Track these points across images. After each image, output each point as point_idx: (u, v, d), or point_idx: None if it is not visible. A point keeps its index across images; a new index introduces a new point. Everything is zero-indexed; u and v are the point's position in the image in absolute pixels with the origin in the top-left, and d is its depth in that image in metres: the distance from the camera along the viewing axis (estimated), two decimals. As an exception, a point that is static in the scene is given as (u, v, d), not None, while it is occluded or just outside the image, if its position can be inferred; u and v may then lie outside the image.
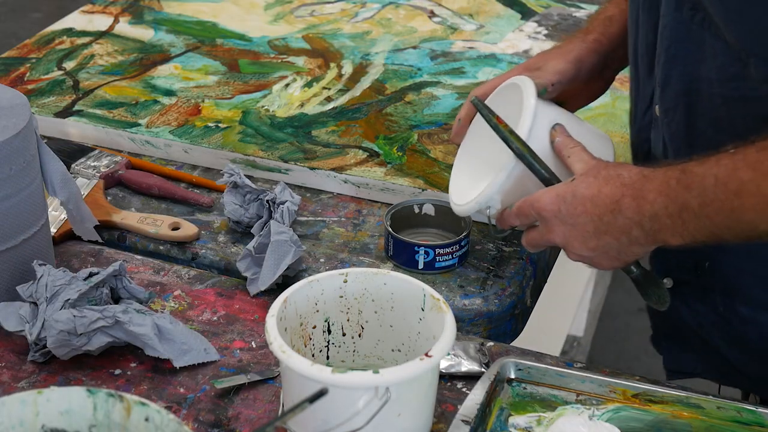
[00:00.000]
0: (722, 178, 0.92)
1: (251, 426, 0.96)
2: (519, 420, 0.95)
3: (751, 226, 0.92)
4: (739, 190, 0.91)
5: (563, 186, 1.03)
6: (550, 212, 1.02)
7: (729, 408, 0.95)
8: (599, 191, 0.99)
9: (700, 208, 0.93)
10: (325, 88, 1.52)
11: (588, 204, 1.00)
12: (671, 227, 0.95)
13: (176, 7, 1.77)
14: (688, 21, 1.00)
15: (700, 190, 0.93)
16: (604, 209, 0.99)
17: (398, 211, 1.22)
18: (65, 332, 0.98)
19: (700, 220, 0.94)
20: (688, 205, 0.94)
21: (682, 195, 0.94)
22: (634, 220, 0.97)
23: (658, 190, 0.96)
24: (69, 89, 1.51)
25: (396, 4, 1.80)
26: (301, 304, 0.96)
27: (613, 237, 0.99)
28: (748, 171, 0.91)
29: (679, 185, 0.94)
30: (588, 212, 1.00)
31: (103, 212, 1.25)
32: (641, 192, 0.97)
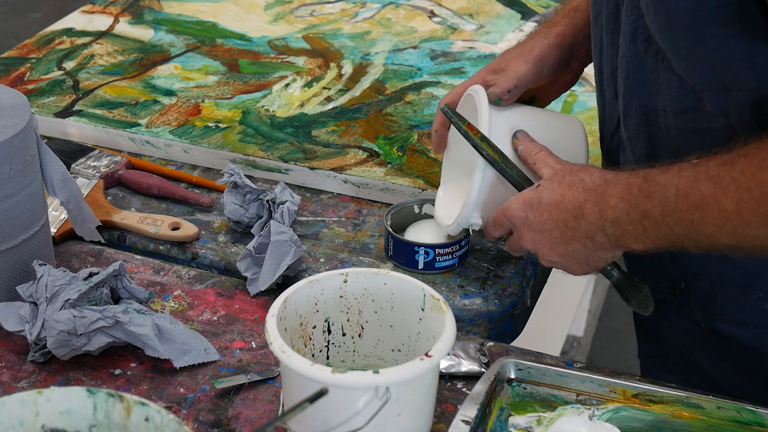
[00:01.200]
0: (683, 189, 0.91)
1: (251, 426, 0.96)
2: (519, 420, 0.95)
3: (711, 238, 0.91)
4: (700, 203, 0.90)
5: (530, 192, 1.03)
6: (518, 219, 1.04)
7: (729, 408, 0.95)
8: (563, 197, 1.00)
9: (662, 217, 0.93)
10: (325, 88, 1.52)
11: (553, 210, 1.00)
12: (633, 233, 0.95)
13: (176, 7, 1.77)
14: (642, 53, 1.00)
15: (661, 199, 0.93)
16: (568, 215, 0.99)
17: (398, 211, 1.22)
18: (65, 332, 0.98)
19: (662, 229, 0.93)
20: (650, 213, 0.93)
21: (643, 203, 0.94)
22: (596, 225, 0.97)
23: (620, 195, 0.96)
24: (69, 89, 1.51)
25: (396, 4, 1.80)
26: (301, 304, 0.96)
27: (580, 242, 1.00)
28: (708, 185, 0.90)
29: (640, 193, 0.94)
30: (553, 218, 1.00)
31: (103, 212, 1.25)
32: (603, 197, 0.97)
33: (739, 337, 1.07)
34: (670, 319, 1.13)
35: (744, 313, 1.06)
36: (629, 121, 1.05)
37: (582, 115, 1.45)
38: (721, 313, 1.07)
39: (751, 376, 1.08)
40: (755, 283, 1.04)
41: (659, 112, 1.00)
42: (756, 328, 1.06)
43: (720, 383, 1.10)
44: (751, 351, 1.07)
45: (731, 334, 1.07)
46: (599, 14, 1.08)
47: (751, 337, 1.06)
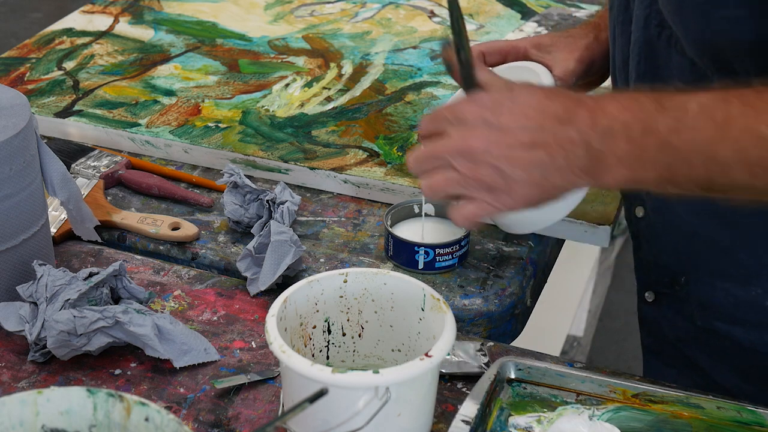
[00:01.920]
0: (709, 105, 0.81)
1: (251, 426, 0.96)
2: (519, 420, 0.95)
3: (723, 167, 0.81)
4: (726, 121, 0.81)
5: (499, 92, 0.88)
6: (475, 114, 0.87)
7: (729, 408, 0.95)
8: (549, 100, 0.86)
9: (670, 134, 0.82)
10: (325, 88, 1.52)
11: (531, 111, 0.85)
12: (623, 151, 0.83)
13: (176, 7, 1.77)
14: (655, 38, 0.99)
15: (677, 113, 0.82)
16: (551, 118, 0.85)
17: (398, 211, 1.22)
18: (65, 333, 0.98)
19: (663, 149, 0.82)
20: (655, 128, 0.82)
21: (652, 115, 0.82)
22: (582, 133, 0.84)
23: (624, 104, 0.84)
24: (69, 89, 1.51)
25: (396, 4, 1.80)
26: (301, 304, 0.96)
27: (548, 152, 0.84)
28: (739, 105, 0.81)
29: (652, 103, 0.83)
30: (529, 119, 0.85)
31: (103, 212, 1.25)
32: (600, 104, 0.85)
33: (736, 336, 1.07)
34: (668, 317, 1.13)
35: (742, 311, 1.06)
36: None
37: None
38: (719, 310, 1.07)
39: (748, 375, 1.08)
40: (754, 280, 1.04)
41: None
42: (753, 327, 1.06)
43: (718, 381, 1.10)
44: (747, 351, 1.07)
45: (728, 333, 1.07)
46: (612, 7, 1.08)
47: (748, 336, 1.06)
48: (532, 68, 1.15)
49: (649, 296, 1.14)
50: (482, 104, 0.87)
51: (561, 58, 1.15)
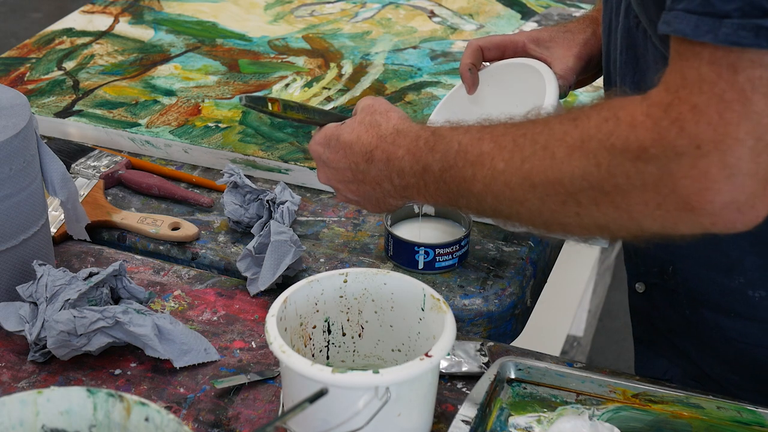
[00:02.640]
0: (465, 145, 0.92)
1: (251, 426, 0.96)
2: (519, 420, 0.95)
3: (478, 199, 0.92)
4: (476, 160, 0.90)
5: (332, 127, 1.04)
6: (315, 153, 1.06)
7: (729, 408, 0.95)
8: (358, 138, 1.01)
9: (440, 173, 0.93)
10: (325, 88, 1.53)
11: (347, 150, 1.01)
12: (416, 186, 0.97)
13: (176, 7, 1.77)
14: (634, 28, 1.00)
15: (443, 154, 0.93)
16: (360, 157, 1.00)
17: (398, 211, 1.22)
18: (65, 333, 0.98)
19: (439, 185, 0.94)
20: (430, 167, 0.94)
21: (426, 156, 0.95)
22: (384, 173, 0.99)
23: (406, 147, 0.97)
24: (69, 89, 1.51)
25: (396, 4, 1.80)
26: (301, 304, 0.96)
27: (370, 186, 1.01)
28: (489, 143, 0.90)
29: (425, 146, 0.95)
30: (347, 158, 1.02)
31: (103, 212, 1.25)
32: (392, 146, 0.98)
33: (722, 326, 1.07)
34: (659, 307, 1.13)
35: (727, 300, 1.05)
36: None
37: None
38: (706, 299, 1.07)
39: (734, 366, 1.08)
40: (737, 268, 1.03)
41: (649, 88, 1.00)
42: (738, 317, 1.05)
43: (706, 371, 1.10)
44: (733, 341, 1.07)
45: (716, 322, 1.07)
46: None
47: (733, 326, 1.06)
48: (534, 66, 1.15)
49: (640, 287, 1.15)
50: (319, 142, 1.05)
51: (560, 55, 1.16)
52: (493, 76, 1.21)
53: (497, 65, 1.19)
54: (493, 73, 1.21)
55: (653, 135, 0.80)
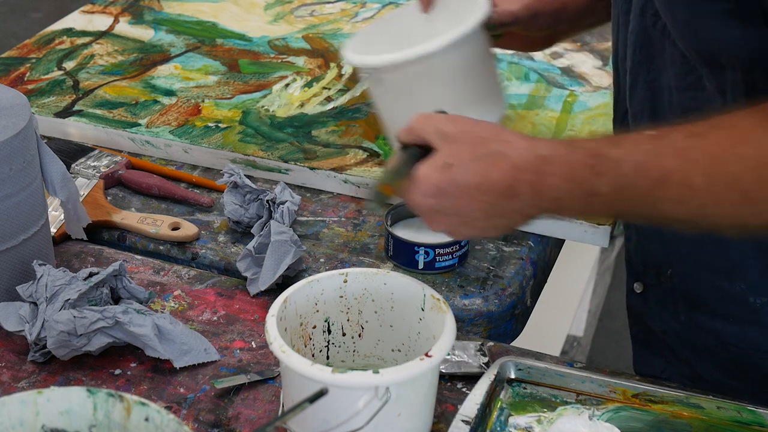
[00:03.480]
0: (643, 164, 0.85)
1: (251, 426, 0.96)
2: (519, 420, 0.95)
3: (665, 215, 0.87)
4: (662, 179, 0.84)
5: (438, 174, 0.90)
6: (426, 206, 0.92)
7: (729, 408, 0.95)
8: (486, 177, 0.89)
9: (613, 194, 0.86)
10: (325, 88, 1.52)
11: (476, 193, 0.89)
12: (574, 208, 0.90)
13: (176, 7, 1.77)
14: (650, 27, 0.99)
15: (614, 176, 0.86)
16: (496, 196, 0.89)
17: (398, 211, 1.22)
18: (65, 333, 0.98)
19: (611, 205, 0.88)
20: (598, 191, 0.86)
21: (590, 180, 0.86)
22: (531, 203, 0.89)
23: (561, 174, 0.87)
24: (69, 89, 1.51)
25: (396, 4, 1.80)
26: (301, 304, 0.96)
27: (506, 218, 0.91)
28: (674, 159, 0.84)
29: (588, 170, 0.87)
30: (476, 201, 0.89)
31: (103, 212, 1.25)
32: (540, 177, 0.88)
33: (719, 331, 1.07)
34: (655, 309, 1.13)
35: (726, 305, 1.05)
36: (635, 96, 1.04)
37: (582, 115, 1.45)
38: (704, 303, 1.07)
39: (730, 371, 1.08)
40: (739, 274, 1.03)
41: (664, 89, 1.00)
42: (736, 322, 1.05)
43: (702, 375, 1.10)
44: (730, 346, 1.06)
45: (712, 328, 1.07)
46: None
47: (731, 331, 1.06)
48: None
49: (638, 287, 1.14)
50: (428, 194, 0.91)
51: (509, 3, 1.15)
52: None
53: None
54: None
55: None
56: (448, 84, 1.14)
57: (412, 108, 1.00)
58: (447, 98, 1.13)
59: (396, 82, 1.14)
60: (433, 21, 1.22)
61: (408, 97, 1.14)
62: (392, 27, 1.25)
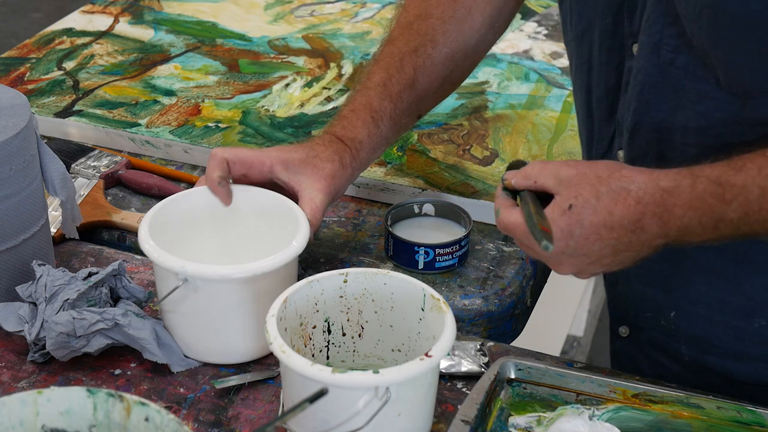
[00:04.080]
0: (766, 189, 0.87)
1: (251, 426, 0.96)
2: (519, 420, 0.95)
3: None
4: None
5: (563, 217, 0.91)
6: (557, 250, 0.92)
7: (729, 408, 0.95)
8: (611, 214, 0.90)
9: (741, 219, 0.88)
10: (325, 88, 1.52)
11: (602, 231, 0.90)
12: (703, 235, 0.90)
13: (176, 7, 1.77)
14: (666, 65, 0.96)
15: (741, 202, 0.87)
16: (623, 231, 0.90)
17: (398, 211, 1.22)
18: (64, 334, 0.98)
19: (739, 229, 0.89)
20: (726, 217, 0.88)
21: (719, 208, 0.88)
22: (658, 234, 0.90)
23: (687, 205, 0.89)
24: (69, 89, 1.51)
25: (396, 4, 1.80)
26: (301, 304, 0.96)
27: (633, 251, 0.92)
28: None
29: (714, 199, 0.88)
30: (603, 239, 0.91)
31: (103, 212, 1.25)
32: (666, 208, 0.89)
33: (729, 370, 1.05)
34: (648, 353, 1.12)
35: (742, 344, 1.04)
36: (636, 139, 1.00)
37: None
38: (716, 344, 1.05)
39: None
40: (759, 311, 1.01)
41: (677, 129, 0.97)
42: (750, 360, 1.04)
43: None
44: (740, 384, 1.05)
45: (722, 367, 1.05)
46: (586, 32, 1.04)
47: (744, 370, 1.04)
48: (294, 211, 1.06)
49: (624, 331, 1.13)
50: (559, 238, 0.91)
51: (308, 186, 1.07)
52: (252, 195, 1.10)
53: (259, 190, 1.09)
54: (253, 193, 1.09)
55: None
56: None
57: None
58: None
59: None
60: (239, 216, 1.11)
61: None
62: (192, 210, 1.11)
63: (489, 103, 1.49)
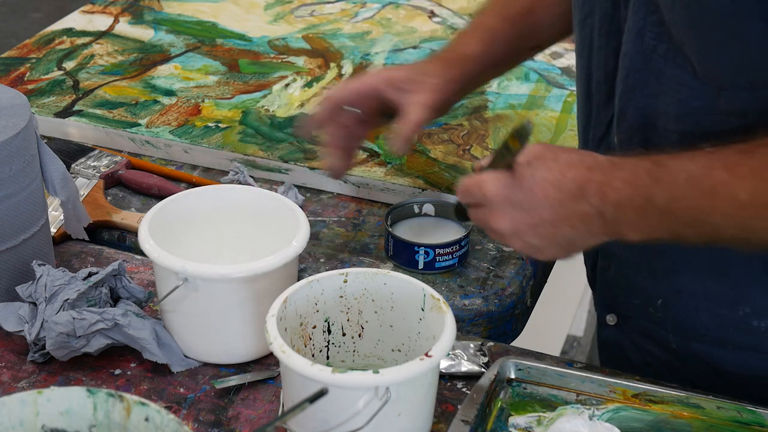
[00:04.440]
0: (696, 175, 0.88)
1: (251, 426, 0.96)
2: (519, 420, 0.95)
3: (715, 229, 0.89)
4: (712, 190, 0.87)
5: (519, 168, 0.93)
6: (500, 197, 0.93)
7: (729, 408, 0.95)
8: (563, 175, 0.91)
9: (667, 204, 0.89)
10: (325, 88, 1.52)
11: (549, 189, 0.91)
12: (633, 220, 0.90)
13: (176, 7, 1.77)
14: (648, 52, 0.96)
15: (669, 184, 0.88)
16: (568, 195, 0.91)
17: (398, 211, 1.22)
18: (64, 334, 0.98)
19: (664, 216, 0.89)
20: (654, 198, 0.89)
21: (649, 187, 0.89)
22: (597, 208, 0.90)
23: (625, 179, 0.90)
24: (69, 89, 1.51)
25: (396, 4, 1.80)
26: (301, 304, 0.96)
27: (570, 225, 0.92)
28: (723, 172, 0.87)
29: (648, 177, 0.89)
30: (548, 197, 0.91)
31: (103, 212, 1.25)
32: (608, 179, 0.90)
33: (715, 358, 1.05)
34: (635, 340, 1.12)
35: (726, 331, 1.04)
36: (623, 124, 1.02)
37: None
38: (702, 332, 1.05)
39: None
40: (744, 299, 1.02)
41: (659, 115, 0.98)
42: (736, 349, 1.04)
43: None
44: (726, 374, 1.05)
45: (708, 355, 1.05)
46: (588, 16, 1.05)
47: (730, 358, 1.04)
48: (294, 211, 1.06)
49: (611, 319, 1.13)
50: (505, 184, 0.93)
51: (413, 101, 1.11)
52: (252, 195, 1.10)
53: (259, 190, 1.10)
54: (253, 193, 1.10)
55: None
56: None
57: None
58: None
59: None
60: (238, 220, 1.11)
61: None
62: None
63: (489, 103, 1.49)
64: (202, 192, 1.10)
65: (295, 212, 1.06)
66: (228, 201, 1.10)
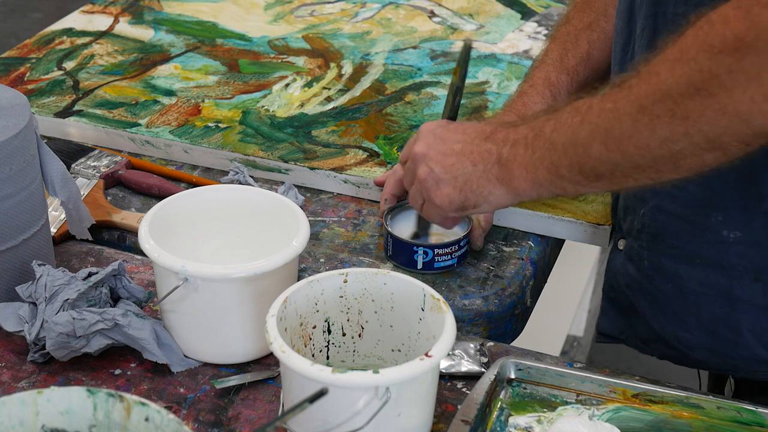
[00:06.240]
0: (579, 103, 0.96)
1: (251, 426, 0.96)
2: (519, 420, 0.95)
3: (585, 147, 0.94)
4: (586, 110, 0.94)
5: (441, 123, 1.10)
6: (426, 128, 1.09)
7: (729, 408, 0.95)
8: (477, 126, 1.06)
9: (551, 133, 0.97)
10: (325, 88, 1.53)
11: (469, 128, 1.06)
12: (522, 156, 0.99)
13: (176, 7, 1.77)
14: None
15: (558, 116, 0.97)
16: (480, 134, 1.04)
17: (398, 211, 1.22)
18: (64, 335, 0.98)
19: (548, 149, 0.97)
20: (542, 132, 0.98)
21: (541, 123, 0.99)
22: (498, 147, 1.02)
23: (529, 124, 1.01)
24: (69, 89, 1.51)
25: (396, 4, 1.80)
26: (301, 304, 0.96)
27: (472, 161, 1.03)
28: (598, 99, 0.93)
29: (545, 115, 1.00)
30: (464, 133, 1.05)
31: (103, 212, 1.25)
32: (514, 125, 1.03)
33: (681, 275, 1.06)
34: (625, 264, 1.13)
35: (696, 243, 1.04)
36: (639, 15, 1.04)
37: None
38: (674, 244, 1.06)
39: (686, 322, 1.07)
40: (717, 205, 1.02)
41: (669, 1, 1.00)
42: (700, 264, 1.04)
43: (657, 331, 1.10)
44: (688, 294, 1.06)
45: (674, 272, 1.06)
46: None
47: (694, 275, 1.05)
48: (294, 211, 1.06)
49: (621, 244, 1.14)
50: (438, 123, 1.09)
51: None
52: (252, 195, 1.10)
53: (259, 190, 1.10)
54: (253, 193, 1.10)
55: (746, 23, 0.81)
56: None
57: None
58: None
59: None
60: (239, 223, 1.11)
61: None
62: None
63: (489, 103, 1.49)
64: (202, 192, 1.10)
65: (295, 212, 1.06)
66: (228, 201, 1.10)
